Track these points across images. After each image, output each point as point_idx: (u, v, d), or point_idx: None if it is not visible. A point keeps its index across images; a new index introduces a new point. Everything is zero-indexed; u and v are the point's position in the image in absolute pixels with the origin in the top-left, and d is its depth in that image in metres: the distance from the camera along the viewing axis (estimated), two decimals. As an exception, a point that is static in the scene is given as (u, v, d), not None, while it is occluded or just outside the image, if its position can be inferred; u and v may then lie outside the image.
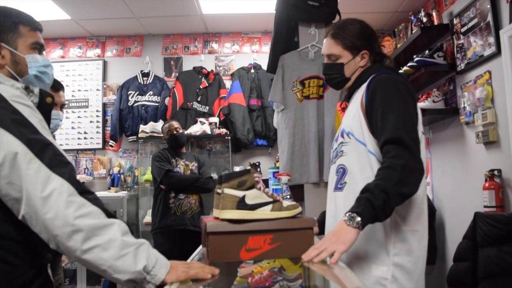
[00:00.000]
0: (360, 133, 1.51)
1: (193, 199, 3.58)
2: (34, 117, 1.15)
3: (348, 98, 1.70)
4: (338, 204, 1.56)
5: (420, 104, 3.26)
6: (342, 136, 1.59)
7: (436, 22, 3.33)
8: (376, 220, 1.30)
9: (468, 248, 2.62)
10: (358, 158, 1.50)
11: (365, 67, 1.64)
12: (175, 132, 3.68)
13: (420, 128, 1.49)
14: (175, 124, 3.74)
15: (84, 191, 1.10)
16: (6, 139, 1.07)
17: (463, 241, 2.72)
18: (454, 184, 3.32)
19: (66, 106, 2.25)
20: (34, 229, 1.06)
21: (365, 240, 1.43)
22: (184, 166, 3.64)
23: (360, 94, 1.56)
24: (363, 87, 1.56)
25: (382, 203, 1.26)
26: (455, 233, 3.18)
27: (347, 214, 1.28)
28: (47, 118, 1.27)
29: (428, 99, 3.30)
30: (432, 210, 3.36)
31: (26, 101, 1.18)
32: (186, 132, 4.21)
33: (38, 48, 1.33)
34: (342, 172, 1.56)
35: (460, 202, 3.21)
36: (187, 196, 3.55)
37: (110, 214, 1.11)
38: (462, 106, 3.09)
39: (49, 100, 1.28)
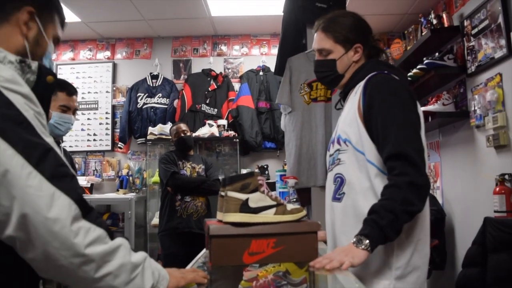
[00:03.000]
0: (358, 141, 1.43)
1: (200, 201, 3.56)
2: (30, 110, 0.90)
3: (343, 97, 1.62)
4: (337, 215, 1.51)
5: (430, 107, 3.22)
6: (339, 142, 1.51)
7: (446, 24, 3.30)
8: (387, 241, 1.26)
9: (477, 253, 2.58)
10: (356, 168, 1.44)
11: (359, 63, 1.55)
12: (182, 134, 3.68)
13: (423, 132, 1.42)
14: (183, 126, 3.75)
15: (87, 211, 0.94)
16: None
17: (472, 246, 2.68)
18: (464, 188, 3.27)
19: (77, 109, 2.23)
20: (25, 255, 0.87)
21: None
22: (190, 168, 3.63)
23: (356, 98, 1.46)
24: (359, 88, 1.47)
25: (388, 222, 1.23)
26: (465, 238, 3.14)
27: (356, 237, 1.25)
28: (46, 103, 1.02)
29: (438, 102, 3.26)
30: (441, 214, 3.32)
31: (21, 87, 0.91)
32: (194, 134, 4.22)
33: (55, 42, 1.16)
34: (340, 181, 1.50)
35: (470, 206, 3.16)
36: (194, 199, 3.53)
37: (110, 232, 1.01)
38: (473, 109, 3.05)
39: (50, 79, 1.02)
